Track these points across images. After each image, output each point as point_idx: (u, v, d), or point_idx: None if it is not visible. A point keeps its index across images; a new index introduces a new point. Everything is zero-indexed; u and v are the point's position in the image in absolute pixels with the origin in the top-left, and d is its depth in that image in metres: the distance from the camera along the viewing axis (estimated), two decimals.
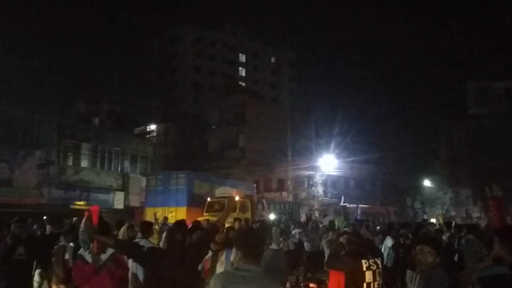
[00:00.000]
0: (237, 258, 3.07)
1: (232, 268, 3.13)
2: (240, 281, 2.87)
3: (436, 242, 3.98)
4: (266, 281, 2.94)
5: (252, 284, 2.85)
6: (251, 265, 2.95)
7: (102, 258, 5.01)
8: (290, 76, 71.23)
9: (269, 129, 42.75)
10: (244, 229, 4.62)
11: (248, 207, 20.83)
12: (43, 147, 23.88)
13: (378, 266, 4.74)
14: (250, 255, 2.99)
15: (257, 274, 2.94)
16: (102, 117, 30.78)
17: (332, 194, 37.05)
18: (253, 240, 3.06)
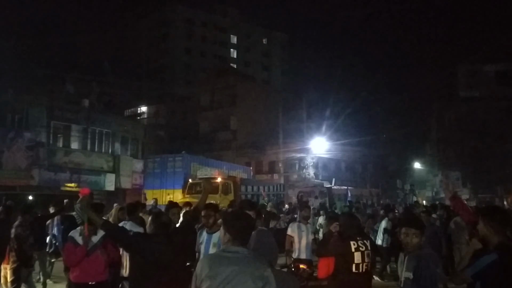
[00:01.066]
0: (225, 240, 3.02)
1: (219, 249, 3.10)
2: (227, 262, 2.86)
3: (420, 223, 4.04)
4: (254, 262, 2.91)
5: (239, 266, 2.84)
6: (239, 247, 2.93)
7: (93, 240, 4.99)
8: (281, 57, 70.87)
9: (260, 111, 42.69)
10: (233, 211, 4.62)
11: (231, 189, 20.26)
12: (32, 129, 23.60)
13: (367, 247, 4.79)
14: (238, 237, 2.96)
15: (245, 255, 2.92)
16: (92, 98, 30.38)
17: (323, 176, 37.26)
18: (242, 222, 3.04)
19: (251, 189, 23.03)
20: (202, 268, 2.91)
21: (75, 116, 26.69)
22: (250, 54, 68.04)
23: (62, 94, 28.35)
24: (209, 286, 2.83)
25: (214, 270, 2.84)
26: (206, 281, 2.85)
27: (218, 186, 19.49)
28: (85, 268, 4.88)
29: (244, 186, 22.32)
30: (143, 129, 33.10)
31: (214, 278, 2.83)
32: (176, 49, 61.40)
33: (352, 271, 4.64)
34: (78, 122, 26.70)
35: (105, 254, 5.00)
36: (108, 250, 5.02)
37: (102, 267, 4.97)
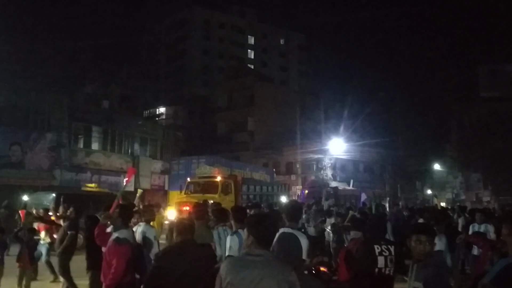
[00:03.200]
0: (248, 242, 2.98)
1: (243, 252, 3.05)
2: (252, 266, 2.82)
3: (431, 230, 3.86)
4: (279, 266, 2.88)
5: (264, 269, 2.81)
6: (263, 250, 2.90)
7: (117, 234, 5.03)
8: (299, 58, 70.70)
9: (278, 112, 42.66)
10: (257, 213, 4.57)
11: (232, 188, 19.22)
12: (54, 130, 24.07)
13: (391, 252, 4.72)
14: (262, 240, 2.93)
15: (270, 258, 2.89)
16: (112, 100, 30.86)
17: (341, 177, 37.04)
18: (265, 224, 3.00)
19: (253, 189, 21.85)
20: (227, 272, 2.88)
21: (95, 117, 27.12)
22: (268, 55, 68.06)
23: (82, 96, 28.83)
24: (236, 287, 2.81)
25: (240, 274, 2.82)
26: (232, 286, 2.83)
27: (217, 185, 18.65)
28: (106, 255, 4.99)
29: (246, 186, 21.25)
30: (161, 130, 33.42)
31: (239, 282, 2.81)
32: (194, 51, 61.79)
33: (374, 275, 4.61)
34: (98, 123, 27.13)
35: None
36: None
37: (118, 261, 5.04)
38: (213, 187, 18.41)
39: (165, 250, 4.53)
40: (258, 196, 21.27)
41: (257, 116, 43.79)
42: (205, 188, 18.65)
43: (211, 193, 17.77)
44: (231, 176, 20.21)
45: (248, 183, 21.69)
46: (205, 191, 18.25)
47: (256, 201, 19.47)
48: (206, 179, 19.44)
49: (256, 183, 22.80)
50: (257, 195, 21.51)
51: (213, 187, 18.44)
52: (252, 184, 22.07)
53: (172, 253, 4.04)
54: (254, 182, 22.74)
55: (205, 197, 16.32)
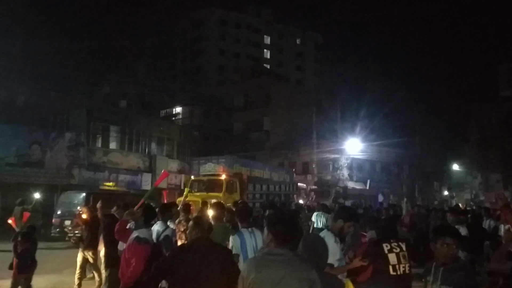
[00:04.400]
0: (267, 240, 3.00)
1: (263, 252, 3.05)
2: (274, 265, 2.84)
3: (457, 233, 3.76)
4: (300, 265, 2.88)
5: (286, 269, 2.82)
6: (284, 249, 2.90)
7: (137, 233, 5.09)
8: (315, 58, 70.47)
9: (293, 112, 42.58)
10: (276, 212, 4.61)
11: (237, 187, 18.69)
12: (73, 130, 24.44)
13: (402, 249, 4.74)
14: (282, 239, 2.93)
15: (291, 257, 2.88)
16: (129, 100, 31.21)
17: (358, 177, 36.85)
18: (285, 223, 3.01)
19: (259, 188, 21.05)
20: (249, 271, 2.89)
21: (113, 117, 27.44)
22: (284, 55, 68.00)
23: (101, 96, 29.21)
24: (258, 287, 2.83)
25: (261, 273, 2.83)
26: (254, 285, 2.85)
27: (222, 184, 18.08)
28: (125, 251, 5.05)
29: (252, 185, 20.56)
30: (178, 130, 33.65)
31: (261, 281, 2.82)
32: (210, 51, 62.05)
33: (390, 273, 4.62)
34: (116, 123, 27.43)
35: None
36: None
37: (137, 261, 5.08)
38: (217, 186, 17.94)
39: (179, 247, 4.59)
40: (265, 196, 20.73)
41: (273, 115, 43.78)
42: (209, 186, 18.24)
43: (216, 191, 17.43)
44: (236, 175, 19.68)
45: (255, 182, 21.05)
46: (210, 189, 17.86)
47: (262, 200, 19.33)
48: (210, 177, 18.93)
49: (263, 182, 21.95)
50: (264, 194, 20.92)
51: (218, 185, 17.97)
52: (258, 183, 21.30)
53: (186, 250, 4.08)
54: (261, 181, 21.92)
55: (209, 195, 16.49)
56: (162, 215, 6.31)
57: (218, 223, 6.25)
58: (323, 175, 37.67)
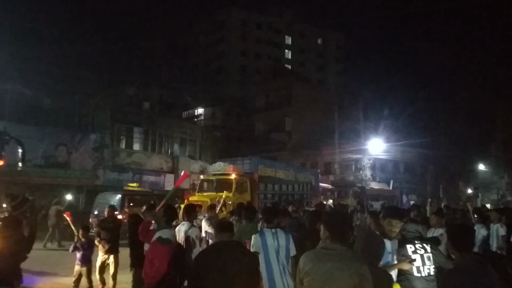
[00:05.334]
0: (324, 236, 3.30)
1: (319, 246, 3.36)
2: (327, 259, 3.12)
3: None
4: (351, 259, 3.15)
5: (338, 262, 3.09)
6: (338, 244, 3.18)
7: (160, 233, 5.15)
8: (337, 57, 70.02)
9: (315, 112, 42.41)
10: (333, 211, 4.75)
11: (247, 187, 18.05)
12: (98, 131, 24.87)
13: (427, 250, 4.71)
14: (337, 235, 3.22)
15: (343, 252, 3.16)
16: (152, 101, 31.59)
17: (381, 178, 36.44)
18: (340, 221, 3.34)
19: (271, 188, 20.18)
20: (304, 263, 3.20)
21: (136, 118, 27.81)
22: (305, 55, 67.78)
23: (124, 98, 29.62)
24: (311, 280, 3.11)
25: (316, 266, 3.13)
26: (308, 276, 3.13)
27: (232, 183, 17.51)
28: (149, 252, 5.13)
29: (264, 184, 19.71)
30: (200, 131, 33.88)
31: (315, 273, 3.11)
32: (231, 52, 62.30)
33: (414, 275, 4.59)
34: (139, 124, 27.80)
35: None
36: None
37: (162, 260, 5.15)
38: (227, 186, 17.30)
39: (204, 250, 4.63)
40: (277, 196, 20.01)
41: (294, 116, 43.71)
42: (218, 186, 17.67)
43: (225, 191, 16.51)
44: (247, 174, 19.01)
45: (266, 182, 20.13)
46: (219, 189, 17.26)
47: (274, 200, 18.52)
48: (219, 176, 18.29)
49: (276, 182, 21.02)
50: (276, 194, 20.19)
51: (227, 185, 17.35)
52: (270, 183, 20.38)
53: (210, 253, 4.11)
54: (274, 180, 21.07)
55: (219, 195, 15.80)
56: (188, 216, 6.37)
57: (248, 223, 6.29)
58: (346, 176, 37.39)
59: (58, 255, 12.38)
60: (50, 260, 11.86)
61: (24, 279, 6.81)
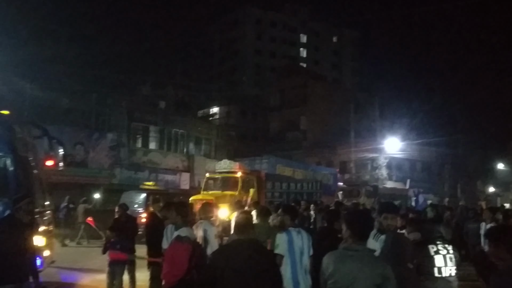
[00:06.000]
0: (345, 235, 3.31)
1: (342, 247, 3.35)
2: (350, 260, 3.14)
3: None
4: (374, 261, 3.21)
5: (360, 263, 3.11)
6: (360, 245, 3.21)
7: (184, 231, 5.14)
8: (352, 55, 69.55)
9: (330, 110, 42.20)
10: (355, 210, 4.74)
11: (254, 185, 17.49)
12: (114, 130, 25.13)
13: (449, 251, 4.65)
14: (359, 235, 3.23)
15: (365, 253, 3.20)
16: (168, 100, 31.78)
17: (397, 177, 36.07)
18: (362, 221, 3.34)
19: (279, 186, 19.60)
20: (327, 265, 3.22)
21: (152, 117, 28.01)
22: (320, 53, 67.46)
23: (140, 98, 29.86)
24: (335, 283, 3.14)
25: (338, 267, 3.15)
26: (332, 277, 3.16)
27: (237, 181, 16.99)
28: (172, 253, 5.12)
29: (271, 183, 19.26)
30: (215, 130, 34.00)
31: (338, 275, 3.13)
32: (246, 50, 62.34)
33: (435, 275, 4.53)
34: (155, 123, 28.01)
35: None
36: None
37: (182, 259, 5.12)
38: (232, 184, 16.95)
39: (220, 248, 4.61)
40: (285, 194, 19.40)
41: (309, 114, 43.55)
42: (224, 184, 17.32)
43: (231, 190, 16.56)
44: (253, 172, 18.62)
45: (273, 180, 19.70)
46: (224, 187, 17.02)
47: (282, 199, 17.99)
48: (225, 174, 17.86)
49: (284, 180, 20.62)
50: (284, 192, 19.56)
51: (233, 183, 16.96)
52: (278, 181, 19.93)
53: (226, 251, 4.09)
54: (281, 178, 20.70)
55: (224, 194, 15.93)
56: (205, 214, 6.38)
57: (262, 223, 6.25)
58: (362, 175, 37.12)
59: (91, 252, 12.52)
60: (85, 256, 12.03)
61: (61, 275, 6.95)
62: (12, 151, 7.30)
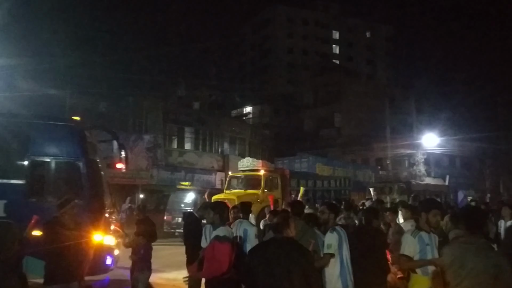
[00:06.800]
0: (463, 229, 3.71)
1: (459, 240, 3.64)
2: (470, 253, 3.38)
3: None
4: (488, 252, 3.44)
5: (478, 255, 3.35)
6: (475, 238, 3.50)
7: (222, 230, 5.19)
8: (386, 50, 68.24)
9: (365, 107, 41.64)
10: (470, 206, 5.14)
11: (278, 184, 16.97)
12: (151, 132, 25.65)
13: None
14: (474, 229, 3.54)
15: (481, 245, 3.47)
16: (202, 101, 32.17)
17: (436, 173, 35.20)
18: (477, 216, 3.68)
19: (305, 184, 19.15)
20: (446, 256, 3.50)
21: (187, 118, 28.42)
22: (353, 49, 66.53)
23: (175, 99, 30.34)
24: (453, 273, 3.37)
25: (460, 260, 3.37)
26: (450, 268, 3.41)
27: (260, 180, 16.45)
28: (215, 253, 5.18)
29: (296, 180, 18.81)
30: (249, 129, 34.14)
31: (461, 267, 3.34)
32: (278, 49, 62.25)
33: None
34: (190, 124, 28.39)
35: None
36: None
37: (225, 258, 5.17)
38: (255, 182, 16.49)
39: (256, 246, 4.65)
40: (311, 192, 18.98)
41: (343, 111, 43.14)
42: (247, 183, 16.90)
43: (254, 189, 16.10)
44: (277, 170, 18.16)
45: (299, 177, 19.25)
46: (247, 186, 16.59)
47: (309, 197, 17.34)
48: (248, 173, 17.51)
49: (310, 178, 20.14)
50: (310, 190, 19.02)
51: (256, 182, 16.49)
52: (303, 179, 19.51)
53: (261, 249, 4.14)
54: (307, 176, 20.12)
55: (246, 193, 15.47)
56: (245, 213, 6.42)
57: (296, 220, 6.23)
58: (399, 172, 36.40)
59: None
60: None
61: (128, 274, 7.21)
62: (84, 156, 7.74)
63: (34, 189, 7.54)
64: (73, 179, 7.63)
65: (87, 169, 7.64)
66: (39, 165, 7.60)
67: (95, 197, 7.72)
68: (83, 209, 6.69)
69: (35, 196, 7.48)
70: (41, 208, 6.75)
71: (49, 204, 6.59)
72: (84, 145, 7.91)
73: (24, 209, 7.00)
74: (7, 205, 7.31)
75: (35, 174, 7.56)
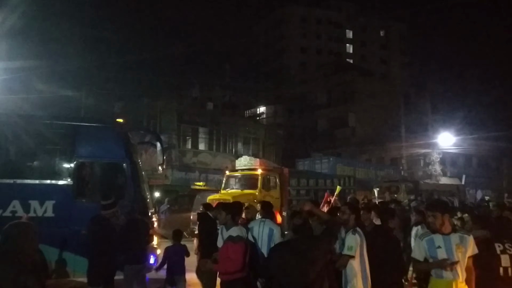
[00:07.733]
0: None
1: None
2: None
3: None
4: None
5: None
6: None
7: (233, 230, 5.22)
8: (401, 49, 67.62)
9: (380, 106, 41.33)
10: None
11: (276, 183, 16.22)
12: (165, 132, 25.81)
13: None
14: None
15: None
16: (215, 101, 32.28)
17: (452, 172, 34.81)
18: None
19: (305, 183, 18.51)
20: None
21: (201, 119, 28.53)
22: (367, 48, 66.10)
23: (189, 100, 30.50)
24: None
25: None
26: None
27: (257, 179, 15.74)
28: None
29: (296, 179, 18.25)
30: (263, 129, 34.14)
31: None
32: (291, 49, 62.17)
33: (500, 275, 4.34)
34: (204, 124, 28.50)
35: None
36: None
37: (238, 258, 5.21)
38: (253, 182, 15.81)
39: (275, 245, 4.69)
40: (312, 191, 18.30)
41: (358, 111, 42.86)
42: (244, 182, 16.33)
43: (251, 188, 15.44)
44: (275, 169, 17.46)
45: (299, 176, 18.71)
46: (245, 186, 16.00)
47: (309, 196, 16.75)
48: (245, 172, 16.91)
49: (310, 176, 19.53)
50: (311, 190, 18.47)
51: (253, 181, 15.81)
52: (303, 178, 18.91)
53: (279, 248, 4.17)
54: (306, 175, 19.54)
55: (243, 193, 14.92)
56: (265, 213, 6.41)
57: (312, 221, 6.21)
58: (414, 171, 36.07)
59: None
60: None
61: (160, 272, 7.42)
62: (129, 157, 7.95)
63: (80, 190, 7.76)
64: (118, 180, 7.86)
65: (131, 170, 7.86)
66: (85, 167, 7.84)
67: (139, 198, 7.92)
68: (129, 210, 7.02)
69: (82, 197, 7.71)
70: (88, 208, 6.96)
71: (95, 204, 6.69)
72: (128, 147, 8.13)
73: (71, 210, 7.41)
74: (55, 206, 7.55)
75: (81, 175, 7.78)
